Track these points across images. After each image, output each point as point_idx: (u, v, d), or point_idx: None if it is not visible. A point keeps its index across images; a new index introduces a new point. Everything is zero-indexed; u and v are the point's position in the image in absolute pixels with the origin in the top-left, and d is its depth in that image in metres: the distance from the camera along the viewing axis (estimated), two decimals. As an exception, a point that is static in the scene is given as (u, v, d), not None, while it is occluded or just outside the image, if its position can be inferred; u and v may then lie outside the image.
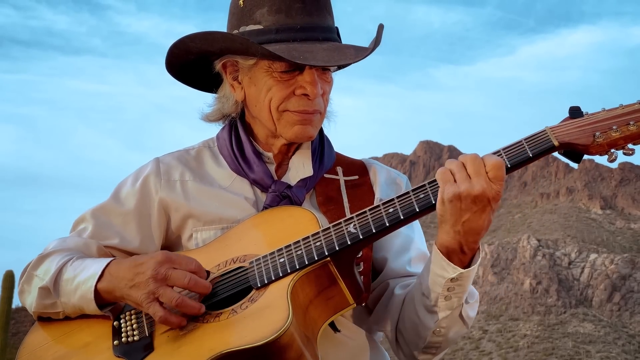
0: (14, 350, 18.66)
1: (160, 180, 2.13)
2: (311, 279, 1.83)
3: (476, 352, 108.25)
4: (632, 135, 1.74)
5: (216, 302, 1.88)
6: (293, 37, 1.98)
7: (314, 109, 2.03)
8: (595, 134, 1.75)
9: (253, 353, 1.69)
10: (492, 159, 1.76)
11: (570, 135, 1.77)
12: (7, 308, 13.62)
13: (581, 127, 1.78)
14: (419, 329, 1.93)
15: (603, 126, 1.76)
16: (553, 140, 1.77)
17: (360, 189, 2.13)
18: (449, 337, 1.94)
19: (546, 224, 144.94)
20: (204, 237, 2.06)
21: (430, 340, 1.93)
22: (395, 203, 1.83)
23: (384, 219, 1.82)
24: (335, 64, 1.95)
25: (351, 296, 1.86)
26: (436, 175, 1.79)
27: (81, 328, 1.99)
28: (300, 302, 1.79)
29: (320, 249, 1.83)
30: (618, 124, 1.75)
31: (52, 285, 1.99)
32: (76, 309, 1.98)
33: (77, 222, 2.17)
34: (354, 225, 1.84)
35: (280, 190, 2.06)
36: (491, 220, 1.79)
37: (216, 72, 2.12)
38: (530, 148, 1.78)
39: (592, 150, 1.77)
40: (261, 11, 2.01)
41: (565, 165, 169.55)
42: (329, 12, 2.06)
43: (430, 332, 1.91)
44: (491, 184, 1.74)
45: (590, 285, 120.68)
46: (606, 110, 1.79)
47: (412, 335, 1.96)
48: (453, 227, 1.78)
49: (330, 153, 2.18)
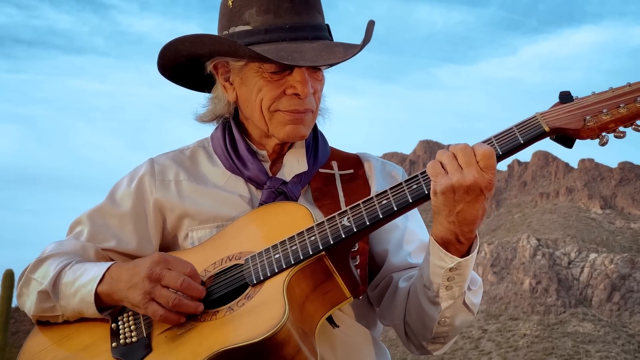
0: (14, 349, 18.65)
1: (155, 180, 2.14)
2: (307, 274, 1.83)
3: (476, 352, 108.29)
4: (623, 118, 1.73)
5: (213, 300, 1.88)
6: (282, 37, 1.98)
7: (305, 107, 2.03)
8: (586, 117, 1.74)
9: (250, 350, 1.69)
10: (482, 148, 1.75)
11: (561, 120, 1.76)
12: (7, 307, 13.63)
13: (571, 112, 1.77)
14: (425, 320, 1.93)
15: (593, 110, 1.75)
16: (544, 126, 1.76)
17: (355, 182, 2.13)
18: (456, 326, 1.94)
19: (546, 224, 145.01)
20: (199, 236, 2.06)
21: (436, 330, 1.94)
22: (389, 195, 1.82)
23: (377, 211, 1.82)
24: (324, 63, 1.95)
25: (348, 290, 1.85)
26: (427, 168, 1.79)
27: (80, 331, 2.00)
28: (296, 298, 1.79)
29: (314, 243, 1.83)
30: (608, 107, 1.74)
31: (51, 289, 1.99)
32: (75, 312, 1.98)
33: (73, 225, 2.17)
34: (348, 219, 1.83)
35: (275, 187, 2.06)
36: (485, 209, 1.78)
37: (208, 73, 2.12)
38: (521, 134, 1.77)
39: (583, 134, 1.76)
40: (250, 12, 2.01)
41: (565, 165, 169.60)
42: (319, 11, 2.06)
43: (435, 322, 1.91)
44: (483, 173, 1.73)
45: (590, 285, 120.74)
46: (596, 94, 1.78)
47: (419, 326, 1.97)
48: (447, 218, 1.78)
49: (324, 148, 2.18)
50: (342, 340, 2.00)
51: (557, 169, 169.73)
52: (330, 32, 2.08)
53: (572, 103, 1.78)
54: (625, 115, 1.73)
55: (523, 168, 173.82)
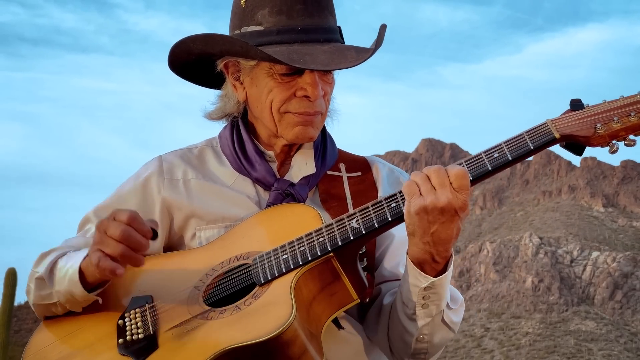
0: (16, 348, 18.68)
1: (163, 179, 2.14)
2: (314, 274, 1.84)
3: (478, 350, 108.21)
4: (634, 126, 1.74)
5: (220, 299, 1.90)
6: (294, 39, 1.98)
7: (315, 110, 2.03)
8: (597, 125, 1.75)
9: (257, 349, 1.70)
10: (454, 169, 1.76)
11: (572, 127, 1.77)
12: (9, 305, 13.59)
13: (582, 119, 1.77)
14: (404, 336, 1.94)
15: (604, 118, 1.76)
16: (554, 133, 1.77)
17: (363, 185, 2.13)
18: (434, 343, 1.94)
19: (548, 222, 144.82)
20: (207, 236, 2.06)
21: (415, 347, 1.94)
22: (398, 198, 1.83)
23: (386, 213, 1.82)
24: (335, 68, 1.95)
25: (355, 292, 1.86)
26: (402, 189, 1.79)
27: (86, 327, 2.00)
28: (303, 298, 1.80)
29: (323, 244, 1.84)
30: (619, 115, 1.75)
31: (47, 275, 2.00)
32: (68, 295, 1.97)
33: (82, 223, 2.18)
34: (357, 221, 1.84)
35: (283, 188, 2.07)
36: (460, 228, 1.79)
37: (218, 71, 2.13)
38: (532, 140, 1.78)
39: (593, 141, 1.76)
40: (262, 12, 2.02)
41: (567, 163, 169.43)
42: (331, 13, 2.06)
43: (413, 339, 1.92)
44: (457, 194, 1.73)
45: (592, 283, 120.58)
46: (607, 102, 1.79)
47: (399, 342, 1.97)
48: (422, 239, 1.78)
49: (332, 150, 2.19)
50: (347, 342, 2.00)
51: (560, 167, 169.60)
52: (342, 34, 2.09)
53: (583, 110, 1.78)
54: (636, 123, 1.74)
55: (525, 166, 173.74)
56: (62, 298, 1.99)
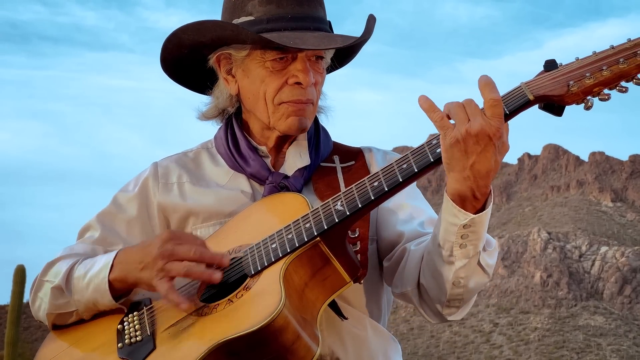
0: (26, 345, 18.77)
1: (157, 183, 2.18)
2: (304, 261, 1.85)
3: (487, 345, 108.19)
4: (606, 80, 1.73)
5: (214, 294, 1.92)
6: (284, 27, 2.03)
7: (307, 98, 2.06)
8: (569, 83, 1.75)
9: (250, 339, 1.72)
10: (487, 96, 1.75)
11: (545, 88, 1.77)
12: (19, 302, 13.60)
13: (555, 79, 1.77)
14: (439, 282, 1.90)
15: (576, 75, 1.76)
16: (528, 95, 1.77)
17: (356, 172, 2.14)
18: (470, 288, 1.91)
19: (557, 217, 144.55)
20: (203, 234, 2.08)
21: (451, 292, 1.91)
22: (380, 176, 1.84)
23: (369, 192, 1.83)
24: (325, 47, 2.00)
25: (347, 274, 1.86)
26: (435, 124, 1.78)
27: (89, 335, 2.04)
28: (295, 285, 1.81)
29: (309, 229, 1.85)
30: (591, 70, 1.75)
31: (64, 284, 2.03)
32: (90, 304, 2.01)
33: (83, 230, 2.21)
34: (341, 203, 1.85)
35: (277, 181, 2.09)
36: (498, 161, 1.76)
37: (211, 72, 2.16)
38: (507, 105, 1.77)
39: (567, 99, 1.76)
40: (252, 3, 2.06)
41: (575, 158, 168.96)
42: (321, 4, 2.11)
43: (450, 283, 1.89)
44: (489, 121, 1.72)
45: (601, 278, 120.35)
46: (579, 59, 1.79)
47: (433, 289, 1.94)
48: (461, 173, 1.76)
49: (326, 142, 2.21)
50: (351, 333, 2.01)
51: (568, 162, 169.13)
52: (331, 28, 2.12)
53: (556, 70, 1.79)
54: (609, 77, 1.73)
55: (533, 161, 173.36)
56: (81, 307, 2.02)
